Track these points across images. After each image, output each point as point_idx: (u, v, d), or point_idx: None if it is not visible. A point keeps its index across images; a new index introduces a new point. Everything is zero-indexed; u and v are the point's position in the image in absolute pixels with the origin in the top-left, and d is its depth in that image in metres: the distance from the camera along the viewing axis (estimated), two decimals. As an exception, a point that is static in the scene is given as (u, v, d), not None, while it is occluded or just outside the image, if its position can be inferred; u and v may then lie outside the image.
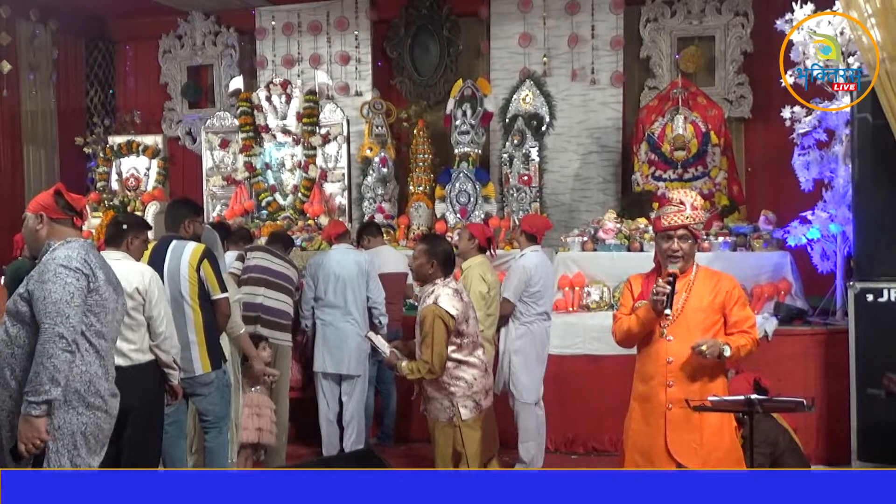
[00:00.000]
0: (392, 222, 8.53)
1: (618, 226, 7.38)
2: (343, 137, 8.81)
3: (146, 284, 4.33)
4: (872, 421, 5.35)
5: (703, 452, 3.72)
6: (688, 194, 3.86)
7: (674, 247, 3.79)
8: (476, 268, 5.62)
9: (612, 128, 8.87)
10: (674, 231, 3.80)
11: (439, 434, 4.45)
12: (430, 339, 4.32)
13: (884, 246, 5.58)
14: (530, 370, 5.94)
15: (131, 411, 4.10)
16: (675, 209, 3.81)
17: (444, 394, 4.42)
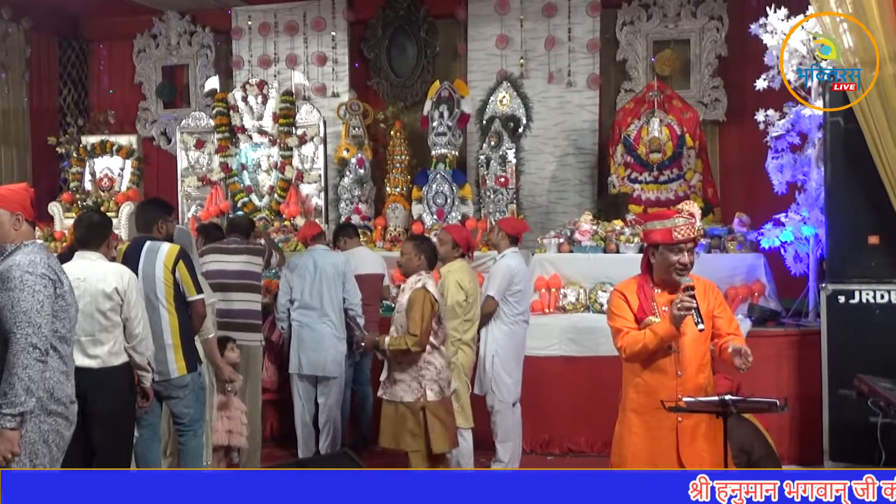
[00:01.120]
0: (369, 223, 8.52)
1: (594, 227, 7.41)
2: (320, 138, 8.78)
3: (125, 285, 4.29)
4: (844, 421, 5.42)
5: (711, 459, 3.71)
6: (692, 205, 3.84)
7: (684, 260, 3.74)
8: (455, 273, 5.54)
9: (589, 130, 8.91)
10: (685, 244, 3.75)
11: (406, 414, 4.85)
12: (419, 315, 4.79)
13: (855, 248, 5.65)
14: (511, 370, 5.95)
15: (102, 414, 4.06)
16: (686, 221, 3.74)
17: (414, 376, 4.86)
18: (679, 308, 3.64)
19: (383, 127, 9.03)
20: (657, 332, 3.72)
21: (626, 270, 4.89)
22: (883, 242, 5.56)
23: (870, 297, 5.57)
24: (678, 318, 3.65)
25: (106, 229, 4.47)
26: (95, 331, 4.22)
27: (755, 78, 6.87)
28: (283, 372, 6.62)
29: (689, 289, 3.68)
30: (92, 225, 4.44)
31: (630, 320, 3.85)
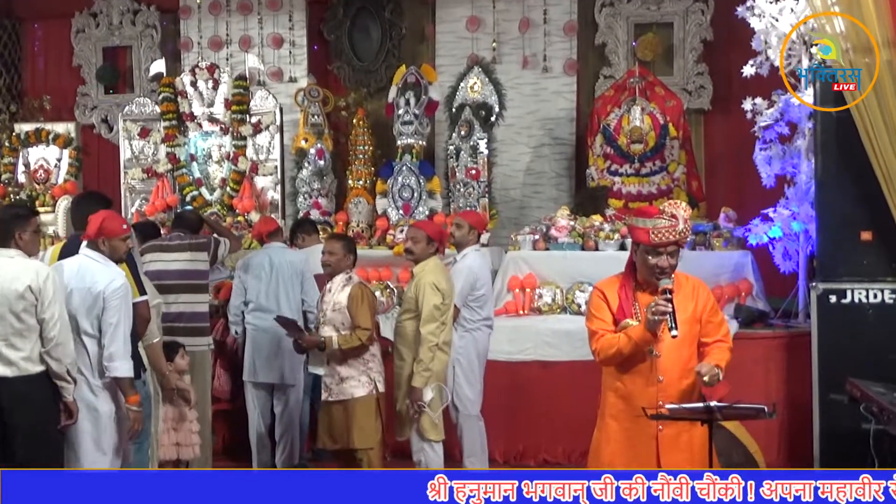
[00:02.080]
0: (329, 219, 8.49)
1: (571, 223, 7.46)
2: (276, 127, 8.75)
3: (40, 283, 4.22)
4: (835, 427, 5.50)
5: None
6: (678, 206, 3.84)
7: (662, 264, 3.77)
8: (429, 275, 5.48)
9: (566, 119, 8.95)
10: (664, 248, 3.78)
11: (359, 409, 5.24)
12: (365, 309, 5.28)
13: (847, 245, 5.73)
14: (473, 380, 5.97)
15: (22, 429, 4.03)
16: (668, 224, 3.75)
17: (362, 370, 5.30)
18: (653, 312, 3.68)
19: (345, 115, 9.00)
20: (632, 336, 3.76)
21: (606, 269, 4.91)
22: (876, 239, 5.64)
23: (862, 297, 5.66)
24: (652, 323, 3.70)
25: (10, 224, 4.36)
26: (9, 334, 4.18)
27: (742, 64, 6.96)
28: (236, 379, 6.59)
29: (666, 292, 3.71)
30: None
31: (608, 322, 3.88)
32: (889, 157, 5.36)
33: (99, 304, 4.41)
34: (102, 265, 4.51)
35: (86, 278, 4.46)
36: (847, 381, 4.83)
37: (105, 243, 4.52)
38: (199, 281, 6.14)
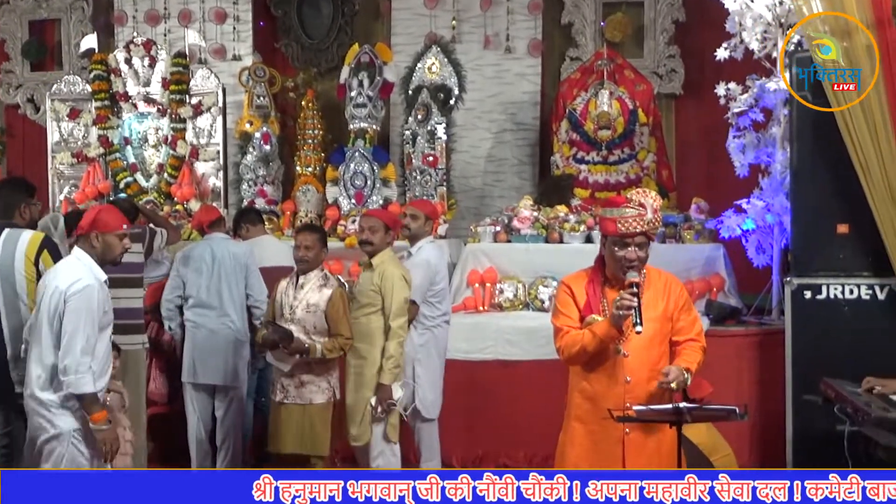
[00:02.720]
0: (275, 208, 8.45)
1: (535, 214, 7.49)
2: (218, 109, 8.69)
3: None
4: (808, 429, 5.59)
5: None
6: (647, 194, 3.88)
7: (630, 256, 3.81)
8: (394, 266, 5.56)
9: (530, 103, 8.99)
10: (631, 238, 3.82)
11: (317, 415, 5.32)
12: (346, 315, 5.33)
13: (823, 238, 5.83)
14: (434, 381, 6.01)
15: None
16: (635, 213, 3.80)
17: (325, 376, 5.37)
18: (618, 307, 3.72)
19: (293, 96, 8.97)
20: (596, 332, 3.81)
21: (571, 263, 4.97)
22: (853, 231, 5.74)
23: (838, 293, 5.76)
24: (617, 318, 3.74)
25: None
26: None
27: (715, 46, 7.04)
28: (174, 381, 6.54)
29: (632, 285, 3.75)
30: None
31: (574, 318, 3.93)
32: (866, 145, 5.45)
33: (59, 306, 4.19)
34: (75, 263, 4.31)
35: (55, 277, 4.29)
36: (821, 381, 4.92)
37: (98, 238, 4.33)
38: (132, 274, 6.07)
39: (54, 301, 4.18)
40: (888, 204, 5.44)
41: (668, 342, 3.93)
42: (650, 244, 3.90)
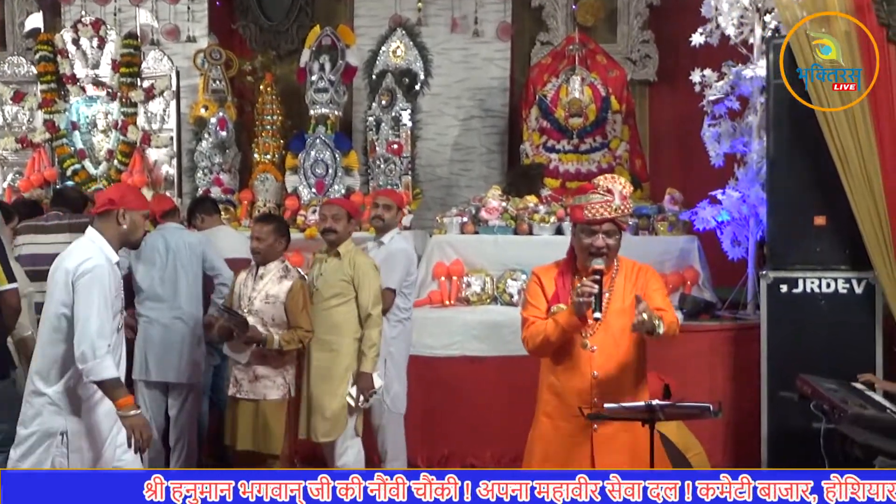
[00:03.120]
0: (232, 198, 8.43)
1: (503, 204, 7.51)
2: (171, 93, 8.64)
3: None
4: (784, 427, 5.66)
5: None
6: (615, 180, 3.90)
7: (598, 243, 3.83)
8: (362, 255, 5.64)
9: (498, 89, 9.01)
10: (599, 225, 3.84)
11: (270, 411, 5.33)
12: (307, 308, 5.37)
13: (800, 230, 5.88)
14: (402, 374, 6.07)
15: None
16: (601, 199, 3.82)
17: (279, 371, 5.38)
18: (578, 294, 3.74)
19: (251, 80, 8.95)
20: (559, 321, 3.83)
21: (541, 255, 4.99)
22: (830, 224, 5.79)
23: (815, 286, 5.82)
24: (578, 306, 3.75)
25: None
26: None
27: (691, 32, 7.10)
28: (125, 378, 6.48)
29: (596, 272, 3.78)
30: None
31: (541, 309, 3.96)
32: (844, 135, 5.52)
33: (68, 288, 4.02)
34: (87, 243, 4.13)
35: (63, 259, 4.13)
36: (798, 377, 4.98)
37: (125, 217, 4.14)
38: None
39: (61, 283, 4.03)
40: (866, 195, 5.51)
41: (640, 336, 3.94)
42: (621, 233, 3.92)
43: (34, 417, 4.07)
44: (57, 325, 4.03)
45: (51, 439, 4.06)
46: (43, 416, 4.06)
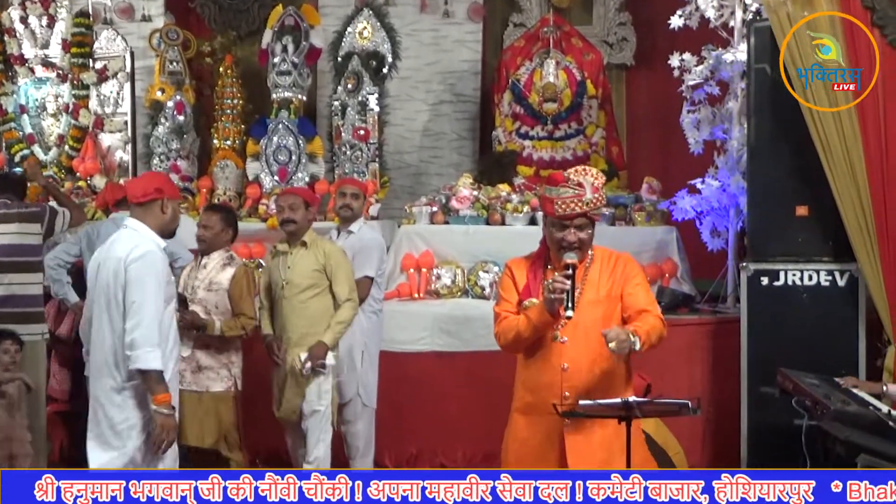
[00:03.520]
0: (190, 185, 8.38)
1: (475, 193, 7.52)
2: (125, 74, 8.59)
3: None
4: (765, 424, 5.71)
5: None
6: (587, 173, 3.89)
7: (570, 238, 3.84)
8: (328, 243, 5.67)
9: (470, 72, 9.00)
10: (570, 220, 3.85)
11: (213, 407, 5.37)
12: (250, 295, 5.50)
13: (781, 221, 5.92)
14: (375, 368, 6.10)
15: None
16: (572, 193, 3.82)
17: (224, 363, 5.45)
18: (550, 290, 3.76)
19: (209, 62, 8.91)
20: (531, 317, 3.85)
21: (514, 247, 5.00)
22: (812, 214, 5.83)
23: (796, 279, 5.86)
24: (550, 302, 3.77)
25: None
26: None
27: (669, 14, 7.12)
28: (76, 375, 6.44)
29: (567, 267, 3.79)
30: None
31: (513, 304, 3.99)
32: (828, 122, 5.55)
33: (119, 277, 4.10)
34: (131, 232, 4.23)
35: (111, 249, 4.22)
36: (779, 372, 5.01)
37: (168, 206, 4.27)
38: (29, 258, 5.97)
39: (111, 272, 4.10)
40: (849, 185, 5.55)
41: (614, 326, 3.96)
42: (594, 225, 3.94)
43: (114, 413, 4.13)
44: (115, 317, 4.10)
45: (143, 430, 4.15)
46: (125, 408, 4.13)
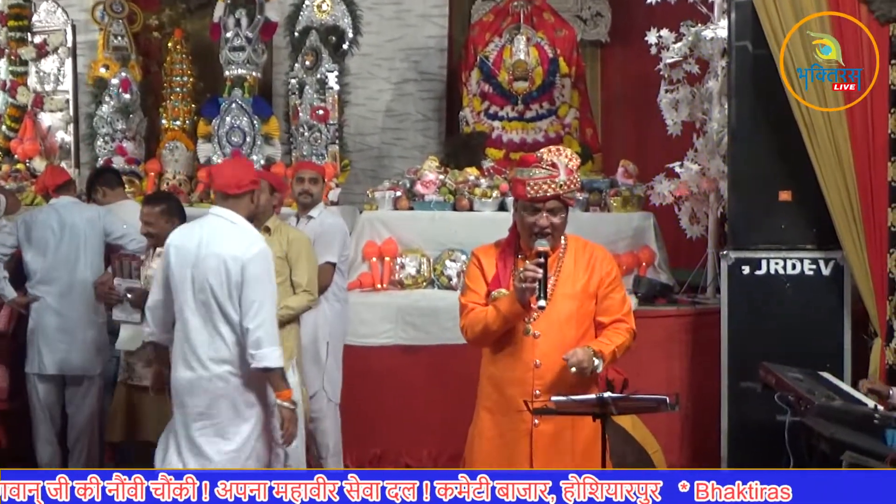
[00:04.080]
0: (137, 169, 8.34)
1: (441, 177, 7.52)
2: (67, 50, 8.56)
3: None
4: (746, 420, 5.75)
5: None
6: (560, 153, 3.91)
7: (542, 222, 3.84)
8: (292, 230, 5.67)
9: (435, 49, 9.01)
10: (542, 203, 3.85)
11: (166, 400, 5.10)
12: None
13: (763, 206, 5.95)
14: (339, 360, 6.11)
15: None
16: (545, 174, 3.83)
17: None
18: (521, 279, 3.76)
19: (157, 36, 8.89)
20: (500, 309, 3.85)
21: (482, 234, 4.99)
22: (796, 199, 5.87)
23: (779, 267, 5.90)
24: (521, 292, 3.77)
25: None
26: None
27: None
28: (16, 372, 6.40)
29: (539, 255, 3.80)
30: None
31: (481, 294, 3.99)
32: (813, 102, 5.60)
33: (236, 276, 4.35)
34: (233, 227, 4.46)
35: (219, 244, 4.41)
36: (760, 366, 5.05)
37: (257, 196, 4.61)
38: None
39: (221, 270, 4.33)
40: (835, 169, 5.59)
41: (589, 322, 3.98)
42: (567, 210, 3.94)
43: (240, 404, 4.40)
44: (231, 315, 4.34)
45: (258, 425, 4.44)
46: (248, 401, 4.42)
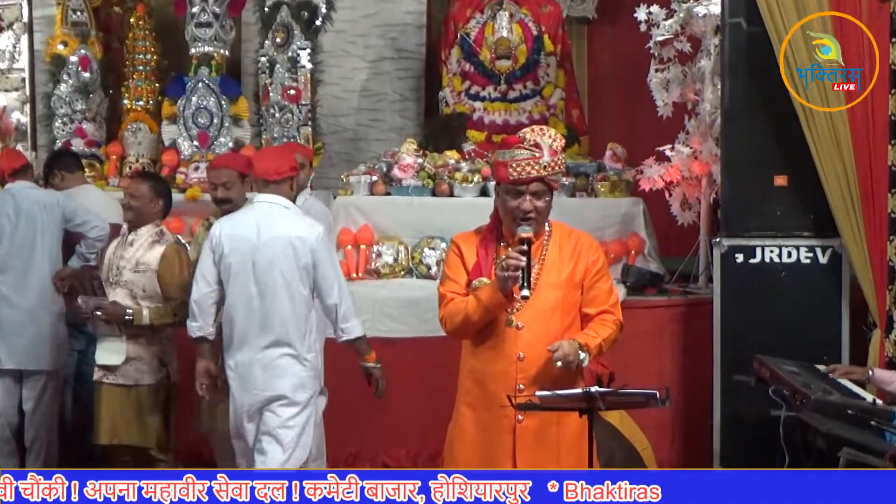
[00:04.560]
0: (97, 151, 8.28)
1: (419, 161, 7.51)
2: (22, 25, 8.52)
3: None
4: (739, 415, 5.80)
5: None
6: (545, 133, 3.91)
7: (525, 206, 3.84)
8: None
9: (413, 25, 8.99)
10: (526, 186, 3.85)
11: (145, 399, 5.38)
12: (181, 277, 5.39)
13: (758, 191, 5.99)
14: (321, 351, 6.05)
15: None
16: (528, 155, 3.83)
17: (156, 353, 5.42)
18: (503, 268, 3.78)
19: (119, 11, 8.79)
20: (481, 298, 3.86)
21: (463, 220, 4.98)
22: (792, 184, 5.91)
23: (774, 255, 5.93)
24: (503, 281, 3.79)
25: None
26: None
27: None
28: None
29: (523, 242, 3.80)
30: None
31: (461, 284, 4.00)
32: (812, 94, 5.61)
33: (298, 256, 4.91)
34: (286, 211, 5.02)
35: (285, 228, 4.96)
36: (754, 358, 5.08)
37: (294, 182, 5.11)
38: None
39: (289, 254, 4.90)
40: (832, 152, 5.62)
41: (575, 313, 4.00)
42: (552, 194, 3.95)
43: (301, 385, 5.08)
44: (297, 298, 4.96)
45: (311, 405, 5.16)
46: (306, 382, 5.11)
